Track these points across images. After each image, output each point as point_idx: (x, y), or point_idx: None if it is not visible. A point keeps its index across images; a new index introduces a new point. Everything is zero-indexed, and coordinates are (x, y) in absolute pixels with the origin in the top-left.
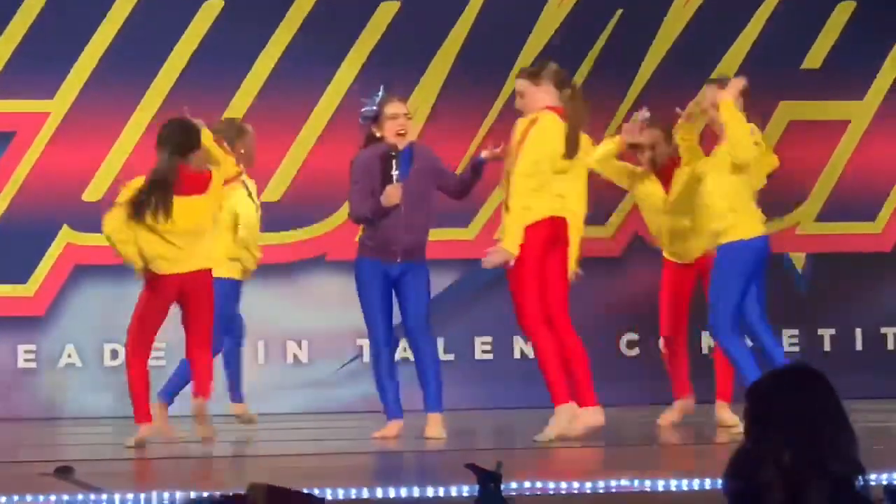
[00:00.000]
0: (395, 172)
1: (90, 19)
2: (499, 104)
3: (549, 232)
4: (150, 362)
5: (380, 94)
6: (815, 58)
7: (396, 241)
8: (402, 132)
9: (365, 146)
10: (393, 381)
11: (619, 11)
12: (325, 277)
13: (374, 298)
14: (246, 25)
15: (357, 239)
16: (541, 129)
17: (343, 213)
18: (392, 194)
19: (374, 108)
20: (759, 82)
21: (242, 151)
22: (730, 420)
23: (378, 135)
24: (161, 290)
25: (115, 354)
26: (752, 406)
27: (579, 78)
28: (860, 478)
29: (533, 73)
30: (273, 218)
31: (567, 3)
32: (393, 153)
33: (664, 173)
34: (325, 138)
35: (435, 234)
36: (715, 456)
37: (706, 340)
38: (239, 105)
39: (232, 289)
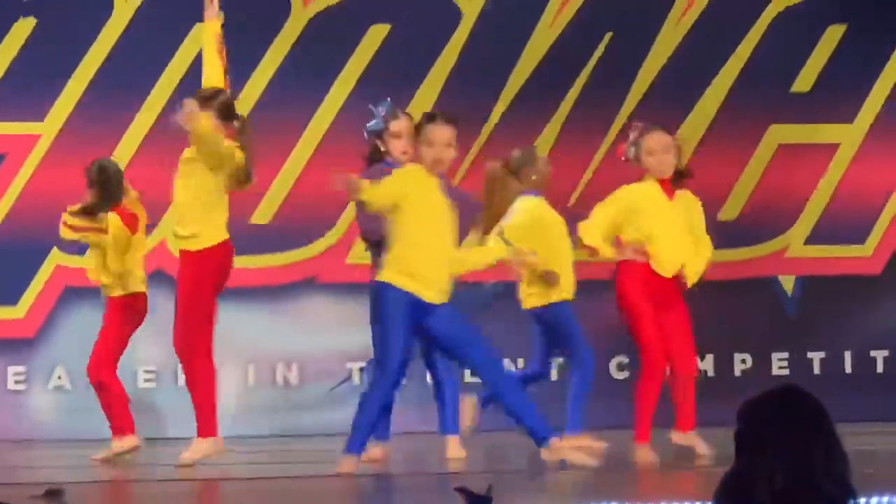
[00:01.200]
0: None
1: (81, 41)
2: (489, 126)
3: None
4: (142, 384)
5: (386, 106)
6: (805, 81)
7: None
8: (406, 151)
9: (368, 160)
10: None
11: (609, 34)
12: (315, 300)
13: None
14: (236, 47)
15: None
16: None
17: (334, 234)
18: None
19: (380, 122)
20: (749, 105)
21: None
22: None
23: (383, 149)
24: (139, 309)
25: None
26: (744, 427)
27: (570, 99)
28: (852, 501)
29: (204, 98)
30: (263, 240)
31: (558, 25)
32: None
33: None
34: (315, 160)
35: None
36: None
37: None
38: None
39: None
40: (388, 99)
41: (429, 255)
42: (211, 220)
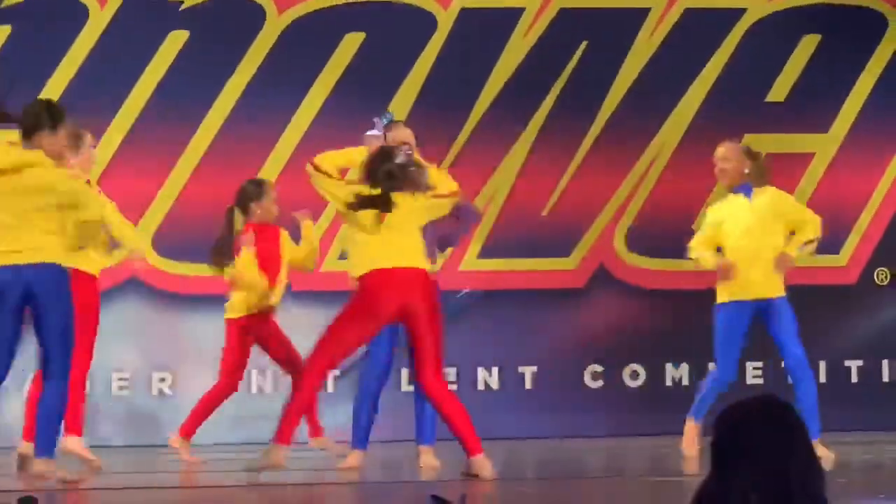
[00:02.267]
0: None
1: (56, 50)
2: (464, 134)
3: None
4: (116, 392)
5: (388, 117)
6: (779, 91)
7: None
8: None
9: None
10: (372, 410)
11: (585, 43)
12: (289, 308)
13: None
14: (211, 56)
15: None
16: None
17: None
18: None
19: (379, 132)
20: (723, 115)
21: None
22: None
23: None
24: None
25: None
26: (719, 437)
27: (544, 110)
28: None
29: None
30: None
31: (533, 35)
32: None
33: None
34: (290, 168)
35: None
36: (681, 489)
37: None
38: (204, 135)
39: None
40: (389, 110)
41: None
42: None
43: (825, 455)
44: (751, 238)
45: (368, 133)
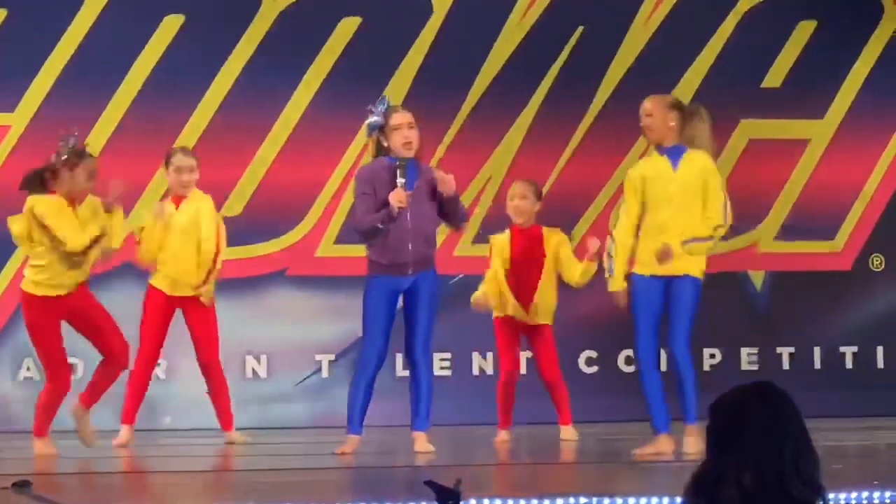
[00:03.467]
0: (401, 180)
1: (51, 33)
2: (459, 119)
3: None
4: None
5: (384, 103)
6: (775, 77)
7: (405, 254)
8: (408, 142)
9: (375, 156)
10: (367, 397)
11: (581, 28)
12: (285, 292)
13: (379, 318)
14: (207, 40)
15: (367, 257)
16: None
17: (304, 227)
18: (396, 197)
19: (379, 118)
20: (719, 101)
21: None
22: None
23: (386, 144)
24: None
25: (73, 369)
26: (715, 423)
27: (540, 94)
28: (821, 499)
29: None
30: (234, 232)
31: (529, 19)
32: (399, 162)
33: None
34: (286, 152)
35: None
36: (676, 474)
37: None
38: (200, 118)
39: None
40: (385, 95)
41: None
42: None
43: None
44: (671, 209)
45: (369, 121)
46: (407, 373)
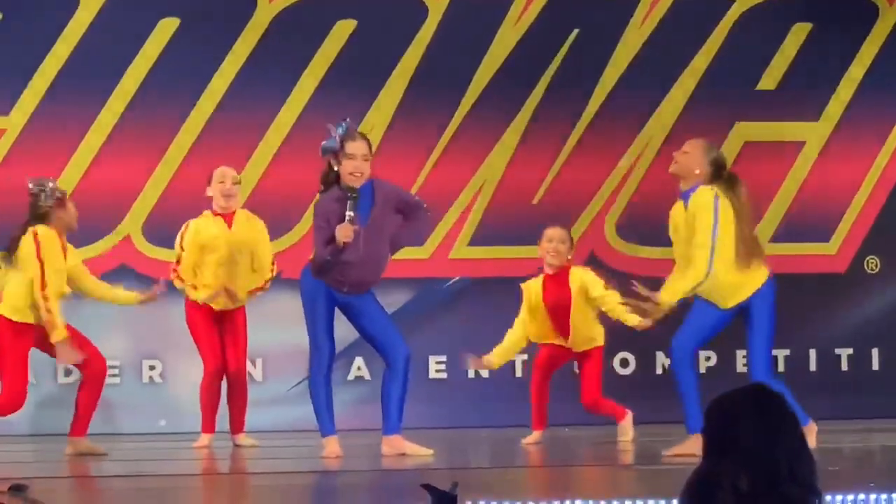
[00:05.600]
0: (349, 213)
1: (47, 35)
2: (455, 122)
3: None
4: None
5: (343, 126)
6: (770, 79)
7: (345, 276)
8: (357, 174)
9: (324, 179)
10: (329, 395)
11: (575, 31)
12: (279, 295)
13: (318, 314)
14: (202, 43)
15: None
16: None
17: (297, 231)
18: (342, 233)
19: (335, 142)
20: (714, 103)
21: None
22: None
23: (335, 168)
24: None
25: (68, 372)
26: (711, 427)
27: (535, 98)
28: (817, 501)
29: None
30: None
31: (523, 23)
32: (350, 195)
33: None
34: (280, 156)
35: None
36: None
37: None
38: (195, 122)
39: None
40: (347, 119)
41: None
42: None
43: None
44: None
45: (324, 143)
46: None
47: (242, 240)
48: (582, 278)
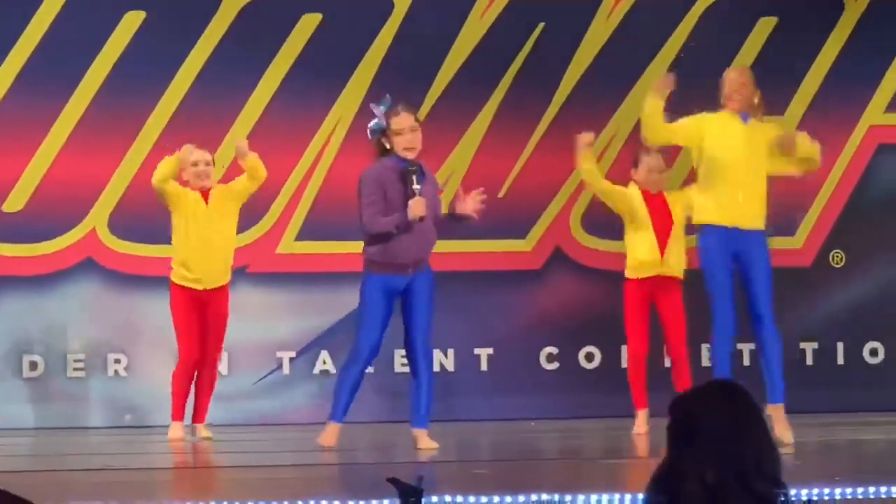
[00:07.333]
0: (416, 187)
1: (11, 28)
2: (421, 115)
3: None
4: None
5: (386, 104)
6: None
7: (407, 254)
8: (410, 147)
9: (379, 157)
10: (355, 390)
11: (541, 25)
12: (245, 289)
13: (376, 318)
14: (168, 36)
15: (363, 255)
16: None
17: (265, 223)
18: (418, 208)
19: (381, 122)
20: (680, 98)
21: None
22: None
23: (388, 146)
24: None
25: (33, 366)
26: (676, 421)
27: (501, 91)
28: (782, 495)
29: None
30: None
31: (489, 16)
32: (412, 167)
33: None
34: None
35: None
36: (637, 470)
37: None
38: (160, 115)
39: None
40: (388, 95)
41: None
42: None
43: None
44: (742, 162)
45: (370, 125)
46: (406, 369)
47: (220, 213)
48: (685, 201)
